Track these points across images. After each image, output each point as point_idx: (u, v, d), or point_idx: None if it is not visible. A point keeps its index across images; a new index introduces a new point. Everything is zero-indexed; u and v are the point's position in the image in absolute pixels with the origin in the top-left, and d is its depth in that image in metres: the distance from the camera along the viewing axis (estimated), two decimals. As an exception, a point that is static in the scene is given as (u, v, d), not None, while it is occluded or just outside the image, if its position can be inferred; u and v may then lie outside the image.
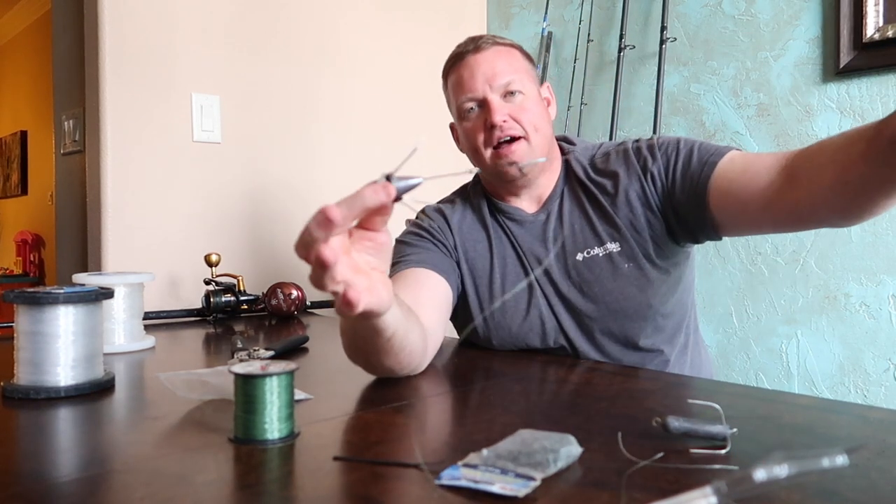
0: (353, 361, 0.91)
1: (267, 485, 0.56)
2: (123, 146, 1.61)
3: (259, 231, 1.82)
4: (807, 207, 0.88)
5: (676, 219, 1.05)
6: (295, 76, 1.89)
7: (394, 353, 0.84)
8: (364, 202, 0.56)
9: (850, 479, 0.54)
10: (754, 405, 0.80)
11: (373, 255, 0.64)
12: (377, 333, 0.77)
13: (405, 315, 0.83)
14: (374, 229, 0.62)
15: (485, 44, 1.11)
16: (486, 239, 1.16)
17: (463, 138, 1.16)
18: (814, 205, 0.87)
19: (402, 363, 0.88)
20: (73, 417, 0.78)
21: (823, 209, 0.87)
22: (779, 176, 0.90)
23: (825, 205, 0.86)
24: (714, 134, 1.81)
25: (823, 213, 0.88)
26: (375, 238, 0.63)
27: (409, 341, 0.85)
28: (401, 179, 0.57)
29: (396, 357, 0.85)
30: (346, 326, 0.86)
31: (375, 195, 0.56)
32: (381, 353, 0.84)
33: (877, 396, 1.55)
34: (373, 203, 0.57)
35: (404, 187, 0.58)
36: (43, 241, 4.53)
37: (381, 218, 0.61)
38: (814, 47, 1.64)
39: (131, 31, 1.62)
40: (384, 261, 0.65)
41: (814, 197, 0.86)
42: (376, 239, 0.63)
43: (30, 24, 4.75)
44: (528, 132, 1.08)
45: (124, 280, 1.18)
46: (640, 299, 1.07)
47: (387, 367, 0.88)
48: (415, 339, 0.87)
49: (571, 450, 0.58)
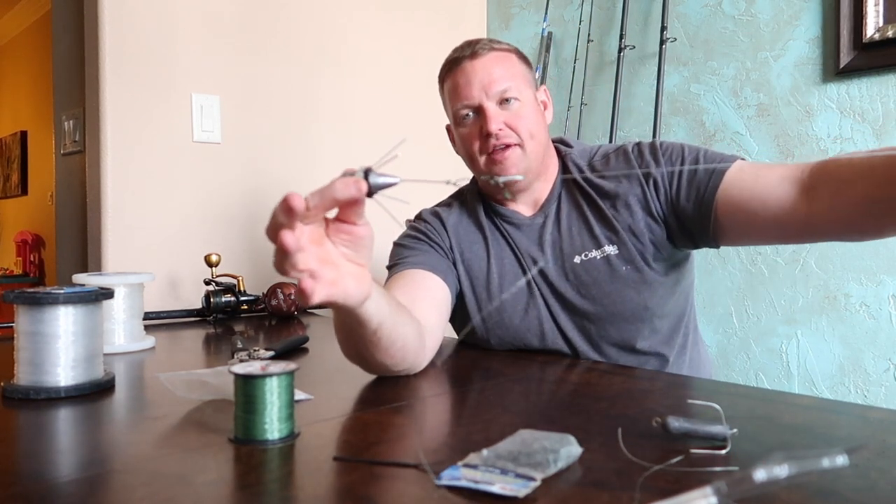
0: (350, 359, 0.91)
1: (267, 485, 0.56)
2: (123, 146, 1.61)
3: (259, 231, 1.82)
4: (821, 221, 0.89)
5: (679, 226, 1.05)
6: (295, 76, 1.89)
7: (383, 348, 0.84)
8: (334, 194, 0.57)
9: (850, 480, 0.54)
10: (754, 405, 0.80)
11: (349, 248, 0.64)
12: (360, 325, 0.77)
13: (393, 309, 0.82)
14: (351, 221, 0.63)
15: (482, 49, 1.10)
16: (483, 241, 1.16)
17: (458, 143, 1.17)
18: (831, 220, 0.88)
19: (396, 358, 0.87)
20: (73, 417, 0.78)
21: (840, 224, 0.88)
22: (793, 188, 0.90)
23: (845, 220, 0.86)
24: (714, 134, 1.81)
25: (838, 228, 0.89)
26: (352, 231, 0.63)
27: (399, 335, 0.84)
28: (379, 176, 0.58)
29: (387, 352, 0.85)
30: (336, 322, 0.85)
31: (346, 189, 0.57)
32: (370, 346, 0.83)
33: (877, 396, 1.55)
34: (342, 196, 0.58)
35: (379, 184, 0.58)
36: (43, 242, 4.53)
37: (354, 210, 0.62)
38: (814, 47, 1.64)
39: (131, 31, 1.62)
40: (362, 254, 0.66)
41: (834, 212, 0.86)
42: (353, 232, 0.64)
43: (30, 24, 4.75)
44: (523, 139, 1.08)
45: (124, 280, 1.18)
46: (637, 301, 1.07)
47: (379, 361, 0.87)
48: (406, 334, 0.87)
49: (571, 450, 0.58)
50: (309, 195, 0.58)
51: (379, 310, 0.77)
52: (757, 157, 1.73)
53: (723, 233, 1.01)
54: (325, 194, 0.58)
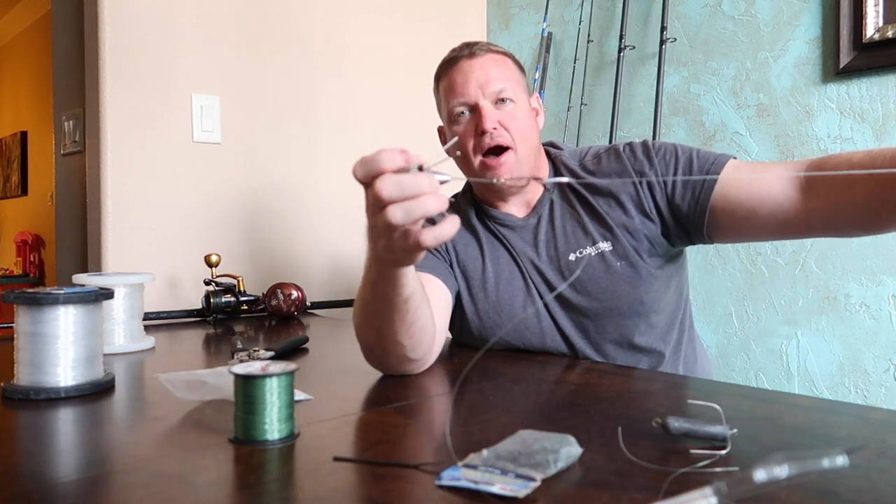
0: (366, 342, 0.92)
1: (267, 485, 0.56)
2: (123, 146, 1.61)
3: (259, 231, 1.82)
4: (820, 218, 0.91)
5: (675, 223, 1.07)
6: (295, 76, 1.89)
7: (408, 322, 0.86)
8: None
9: (850, 480, 0.54)
10: (754, 406, 0.80)
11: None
12: (396, 290, 0.81)
13: (420, 285, 0.87)
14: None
15: (479, 50, 1.12)
16: (477, 244, 1.17)
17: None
18: (830, 216, 0.89)
19: (413, 339, 0.89)
20: (73, 418, 0.78)
21: (843, 221, 0.89)
22: (791, 185, 0.92)
23: (845, 217, 0.88)
24: (714, 134, 1.81)
25: (840, 224, 0.90)
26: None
27: (422, 313, 0.87)
28: (433, 173, 0.67)
29: (409, 329, 0.87)
30: (365, 294, 0.87)
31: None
32: (396, 318, 0.85)
33: (877, 397, 1.55)
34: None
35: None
36: (43, 242, 4.53)
37: None
38: (814, 48, 1.64)
39: (131, 31, 1.62)
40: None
41: (835, 208, 0.88)
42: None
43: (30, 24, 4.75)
44: (516, 141, 1.09)
45: (124, 280, 1.18)
46: (633, 297, 1.08)
47: (398, 341, 0.88)
48: (427, 315, 0.90)
49: (571, 450, 0.58)
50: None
51: (414, 278, 0.83)
52: (757, 158, 1.73)
53: (719, 230, 1.03)
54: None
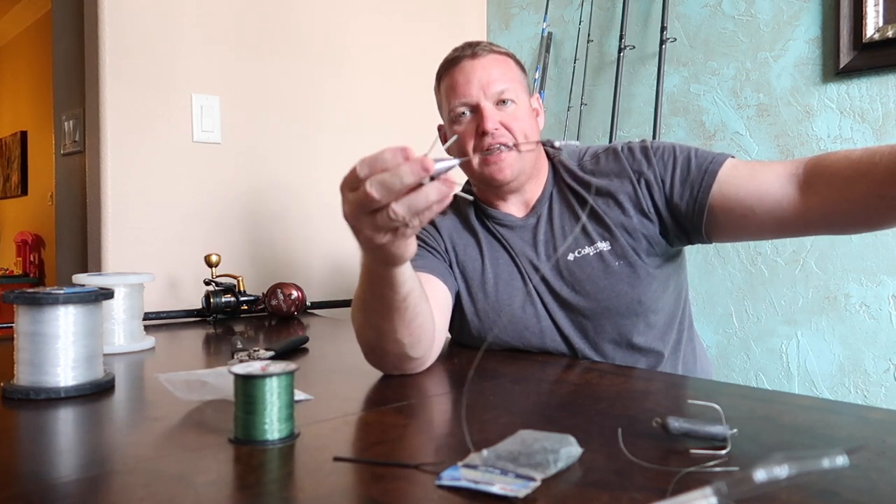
0: (366, 342, 0.92)
1: (267, 485, 0.56)
2: (123, 146, 1.61)
3: (259, 231, 1.82)
4: (819, 216, 0.91)
5: (673, 223, 1.07)
6: (295, 76, 1.89)
7: (407, 319, 0.86)
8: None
9: (850, 480, 0.54)
10: (754, 406, 0.80)
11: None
12: (393, 288, 0.81)
13: (418, 282, 0.87)
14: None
15: (481, 50, 1.12)
16: (476, 243, 1.17)
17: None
18: (830, 213, 0.90)
19: (414, 336, 0.89)
20: (72, 418, 0.78)
21: (841, 218, 0.90)
22: (789, 183, 0.93)
23: (846, 214, 0.88)
24: (714, 134, 1.81)
25: (839, 221, 0.91)
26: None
27: (421, 310, 0.88)
28: (438, 161, 0.65)
29: (409, 326, 0.87)
30: (362, 293, 0.87)
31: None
32: (395, 315, 0.85)
33: (877, 397, 1.55)
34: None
35: (441, 169, 0.65)
36: (43, 242, 4.53)
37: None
38: (814, 48, 1.64)
39: (131, 31, 1.62)
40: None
41: (834, 205, 0.89)
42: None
43: (30, 24, 4.75)
44: (517, 141, 1.09)
45: (124, 280, 1.18)
46: (631, 296, 1.08)
47: (398, 339, 0.88)
48: (427, 312, 0.90)
49: (571, 450, 0.58)
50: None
51: (411, 276, 0.83)
52: (757, 158, 1.73)
53: (717, 229, 1.03)
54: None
